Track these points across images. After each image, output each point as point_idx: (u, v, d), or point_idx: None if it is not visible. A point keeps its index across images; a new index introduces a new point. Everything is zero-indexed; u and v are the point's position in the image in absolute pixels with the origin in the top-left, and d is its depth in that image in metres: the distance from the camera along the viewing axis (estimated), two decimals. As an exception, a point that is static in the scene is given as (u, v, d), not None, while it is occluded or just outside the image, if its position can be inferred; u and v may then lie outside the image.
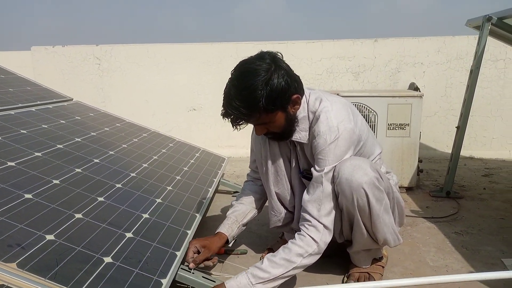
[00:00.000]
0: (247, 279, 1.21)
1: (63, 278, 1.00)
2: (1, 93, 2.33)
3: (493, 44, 3.28)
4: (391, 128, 2.48)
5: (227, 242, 1.50)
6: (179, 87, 3.76)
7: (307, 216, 1.30)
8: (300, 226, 1.32)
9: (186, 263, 1.37)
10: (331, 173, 1.29)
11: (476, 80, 2.39)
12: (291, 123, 1.32)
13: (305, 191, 1.34)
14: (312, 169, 1.33)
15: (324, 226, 1.28)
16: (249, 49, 3.60)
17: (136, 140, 2.42)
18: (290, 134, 1.35)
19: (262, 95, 1.20)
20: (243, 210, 1.58)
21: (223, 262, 1.65)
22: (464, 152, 3.53)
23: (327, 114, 1.31)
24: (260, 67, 1.22)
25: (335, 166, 1.29)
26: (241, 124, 1.27)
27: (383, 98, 2.46)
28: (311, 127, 1.35)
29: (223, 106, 1.26)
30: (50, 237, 1.14)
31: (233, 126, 1.27)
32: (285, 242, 1.65)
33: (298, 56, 3.60)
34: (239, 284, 1.21)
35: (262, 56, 1.26)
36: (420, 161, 2.61)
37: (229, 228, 1.51)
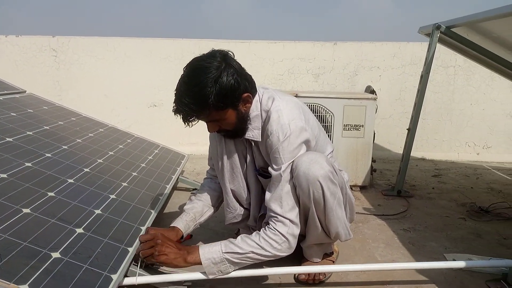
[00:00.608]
0: (220, 246, 1.30)
1: (6, 273, 0.97)
2: None
3: (444, 51, 3.46)
4: (347, 129, 2.56)
5: (182, 238, 1.50)
6: (139, 82, 3.70)
7: (272, 213, 1.34)
8: (268, 221, 1.35)
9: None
10: (288, 169, 1.33)
11: (425, 85, 2.52)
12: (243, 121, 1.35)
13: (267, 190, 1.38)
14: (270, 168, 1.36)
15: (290, 220, 1.32)
16: (211, 46, 3.56)
17: (92, 135, 2.36)
18: (242, 132, 1.38)
19: (211, 92, 1.22)
20: (201, 208, 1.59)
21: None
22: (417, 153, 3.71)
23: (279, 112, 1.34)
24: (211, 64, 1.24)
25: (292, 162, 1.33)
26: (192, 120, 1.28)
27: (340, 99, 2.54)
28: (264, 126, 1.38)
29: (174, 102, 1.27)
30: (-7, 232, 1.10)
31: (184, 123, 1.28)
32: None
33: (261, 56, 3.64)
34: (210, 250, 1.30)
35: (213, 54, 1.28)
36: (373, 161, 2.72)
37: (186, 225, 1.52)
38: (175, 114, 1.28)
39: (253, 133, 1.38)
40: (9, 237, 1.11)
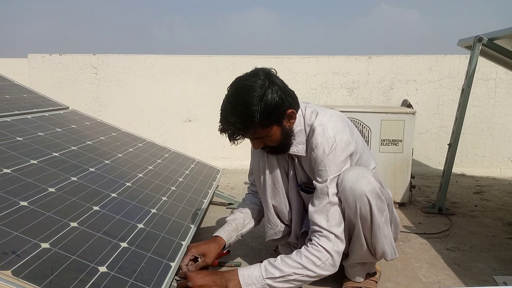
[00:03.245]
0: (259, 272, 1.26)
1: (57, 286, 1.00)
2: (-2, 100, 2.33)
3: (484, 64, 3.36)
4: (384, 144, 2.51)
5: (224, 247, 1.51)
6: (175, 98, 3.79)
7: (317, 227, 1.31)
8: (311, 237, 1.33)
9: (181, 270, 1.37)
10: (334, 182, 1.31)
11: (467, 99, 2.44)
12: (287, 136, 1.35)
13: (310, 203, 1.36)
14: (314, 181, 1.35)
15: (335, 235, 1.30)
16: (245, 63, 3.65)
17: (131, 150, 2.42)
18: (287, 147, 1.38)
19: (257, 110, 1.23)
20: (243, 219, 1.59)
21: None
22: (456, 169, 3.58)
23: (323, 126, 1.34)
24: (255, 83, 1.25)
25: (338, 175, 1.31)
26: (238, 139, 1.29)
27: (377, 114, 2.50)
28: (308, 140, 1.37)
29: (220, 121, 1.29)
30: (45, 245, 1.13)
31: (230, 141, 1.30)
32: (279, 255, 1.66)
33: (294, 71, 3.65)
34: (250, 275, 1.25)
35: (256, 73, 1.30)
36: (412, 177, 2.64)
37: (229, 235, 1.53)
38: (221, 133, 1.30)
39: (297, 148, 1.38)
40: (59, 251, 1.14)
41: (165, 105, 3.80)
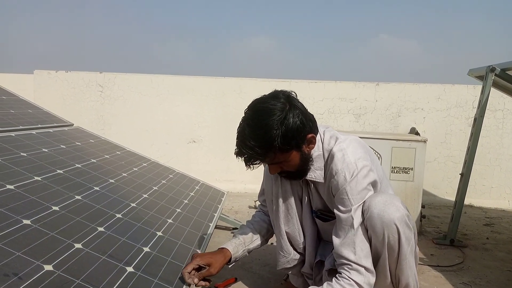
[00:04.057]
0: None
1: (61, 314, 0.92)
2: (2, 114, 2.29)
3: (492, 95, 3.33)
4: (395, 172, 2.46)
5: (230, 260, 1.45)
6: (180, 118, 3.75)
7: (345, 261, 1.24)
8: (339, 269, 1.25)
9: (183, 277, 1.32)
10: (359, 211, 1.25)
11: (480, 129, 2.41)
12: (306, 162, 1.30)
13: (334, 234, 1.29)
14: (336, 211, 1.28)
15: (366, 268, 1.23)
16: (252, 85, 3.64)
17: (136, 169, 2.36)
18: (304, 173, 1.32)
19: (277, 134, 1.18)
20: (251, 234, 1.53)
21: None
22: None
23: (343, 151, 1.28)
24: (275, 106, 1.20)
25: (362, 203, 1.25)
26: (256, 163, 1.24)
27: (387, 141, 2.46)
28: (326, 166, 1.31)
29: (236, 145, 1.23)
30: (48, 267, 1.06)
31: (246, 166, 1.24)
32: (290, 285, 1.57)
33: (300, 95, 3.56)
34: None
35: (276, 95, 1.25)
36: (423, 206, 2.58)
37: (235, 248, 1.47)
38: (237, 156, 1.24)
39: (315, 173, 1.32)
40: (62, 274, 1.07)
41: (169, 126, 3.76)
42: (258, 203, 3.06)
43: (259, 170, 1.45)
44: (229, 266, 1.51)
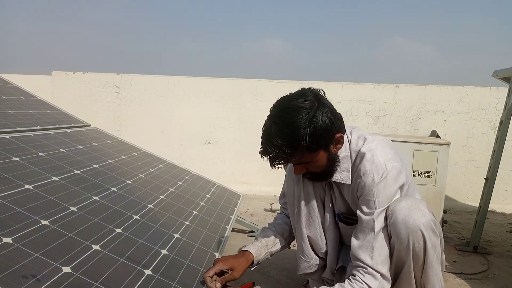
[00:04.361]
0: None
1: (79, 318, 0.90)
2: (21, 114, 2.30)
3: (516, 97, 3.25)
4: (417, 176, 2.39)
5: (252, 263, 1.42)
6: (196, 119, 3.73)
7: (361, 264, 1.20)
8: (354, 272, 1.21)
9: (205, 281, 1.30)
10: (382, 215, 1.20)
11: (506, 132, 2.33)
12: (333, 163, 1.25)
13: (353, 236, 1.25)
14: (359, 212, 1.24)
15: (381, 274, 1.18)
16: (269, 87, 3.60)
17: (152, 170, 2.35)
18: (330, 174, 1.28)
19: (306, 133, 1.13)
20: (274, 237, 1.50)
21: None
22: (485, 205, 3.41)
23: (373, 152, 1.24)
24: (303, 104, 1.16)
25: (387, 207, 1.20)
26: (281, 163, 1.20)
27: (409, 144, 2.39)
28: (354, 167, 1.27)
29: (262, 143, 1.19)
30: (66, 269, 1.04)
31: (271, 165, 1.20)
32: (310, 290, 1.53)
33: (318, 97, 3.58)
34: None
35: (304, 93, 1.20)
36: (444, 211, 2.50)
37: (258, 251, 1.44)
38: (261, 155, 1.20)
39: (342, 175, 1.28)
40: (81, 276, 1.05)
41: (185, 127, 3.75)
42: (274, 206, 3.03)
43: (275, 173, 1.41)
44: (251, 269, 1.48)
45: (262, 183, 3.64)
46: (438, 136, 3.12)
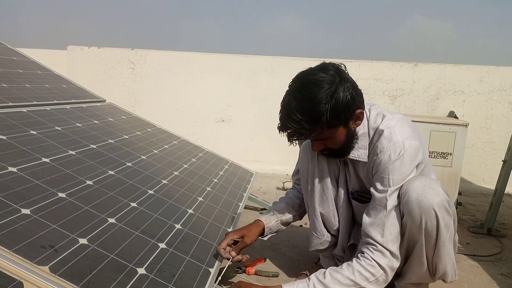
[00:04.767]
0: None
1: (96, 287, 0.92)
2: (38, 88, 2.32)
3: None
4: (433, 156, 2.36)
5: (263, 234, 1.45)
6: (209, 97, 3.73)
7: (371, 241, 1.20)
8: (362, 249, 1.22)
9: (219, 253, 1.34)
10: (396, 194, 1.19)
11: (527, 113, 2.26)
12: (351, 139, 1.23)
13: (365, 213, 1.25)
14: (372, 189, 1.23)
15: (391, 252, 1.19)
16: (284, 64, 3.56)
17: (167, 146, 2.36)
18: (348, 151, 1.26)
19: (327, 109, 1.11)
20: (284, 207, 1.51)
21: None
22: (502, 187, 3.36)
23: (391, 129, 1.22)
24: (324, 78, 1.13)
25: (401, 186, 1.19)
26: (300, 139, 1.18)
27: (426, 124, 2.35)
28: (371, 144, 1.25)
29: (280, 119, 1.17)
30: (83, 240, 1.06)
31: (289, 141, 1.19)
32: (321, 267, 1.54)
33: (333, 75, 3.52)
34: None
35: (325, 67, 1.18)
36: (459, 193, 2.47)
37: (267, 218, 1.46)
38: (280, 131, 1.18)
39: (359, 152, 1.26)
40: (97, 248, 1.07)
41: (199, 104, 3.74)
42: (286, 184, 3.03)
43: (288, 152, 1.40)
44: (265, 239, 1.50)
45: (275, 161, 3.64)
46: (456, 117, 3.06)
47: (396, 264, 1.20)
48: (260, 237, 1.46)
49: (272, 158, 3.66)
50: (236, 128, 3.73)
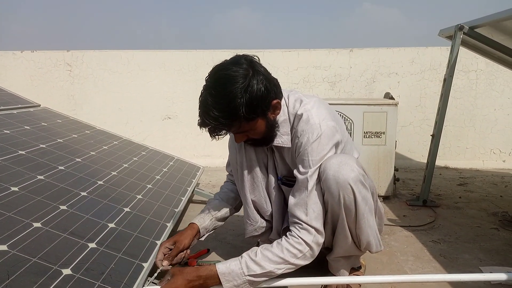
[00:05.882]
0: (240, 268, 1.20)
1: (13, 292, 0.90)
2: (-39, 97, 2.20)
3: (465, 56, 3.35)
4: (367, 136, 2.46)
5: (199, 235, 1.45)
6: (153, 95, 3.68)
7: (296, 220, 1.26)
8: (290, 227, 1.27)
9: (157, 267, 1.31)
10: (316, 174, 1.24)
11: (449, 89, 2.42)
12: (272, 128, 1.27)
13: (291, 194, 1.29)
14: (295, 171, 1.28)
15: (315, 229, 1.24)
16: (225, 57, 3.54)
17: (106, 147, 2.32)
18: (271, 139, 1.30)
19: (242, 103, 1.14)
20: (218, 204, 1.53)
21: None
22: (439, 161, 3.56)
23: (308, 113, 1.27)
24: (237, 73, 1.15)
25: (320, 165, 1.25)
26: (221, 134, 1.21)
27: (359, 106, 2.45)
28: (292, 129, 1.30)
29: (199, 115, 1.19)
30: (2, 247, 1.04)
31: (211, 136, 1.21)
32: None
33: (275, 65, 3.58)
34: (230, 272, 1.19)
35: (237, 61, 1.19)
36: (396, 169, 2.60)
37: (201, 219, 1.47)
38: (200, 127, 1.20)
39: (282, 139, 1.30)
40: (17, 253, 1.05)
41: (143, 103, 3.69)
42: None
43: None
44: (202, 239, 1.51)
45: (225, 154, 3.63)
46: (392, 98, 3.20)
47: (321, 239, 1.26)
48: (197, 239, 1.46)
49: (221, 151, 3.67)
50: (183, 124, 3.71)
